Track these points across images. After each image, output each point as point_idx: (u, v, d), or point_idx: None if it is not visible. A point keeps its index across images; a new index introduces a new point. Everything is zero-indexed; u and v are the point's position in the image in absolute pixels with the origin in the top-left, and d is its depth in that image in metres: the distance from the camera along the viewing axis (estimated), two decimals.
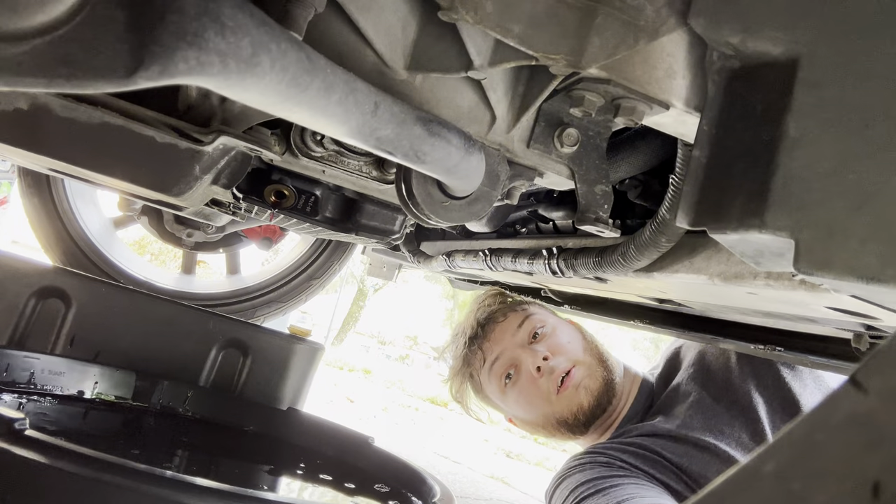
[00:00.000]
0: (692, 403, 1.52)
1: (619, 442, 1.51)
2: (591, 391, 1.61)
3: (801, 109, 0.51)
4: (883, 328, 0.86)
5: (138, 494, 0.79)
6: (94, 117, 0.79)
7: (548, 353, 1.64)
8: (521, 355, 1.67)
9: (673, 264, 0.89)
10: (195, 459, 1.60)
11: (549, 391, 1.61)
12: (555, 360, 1.62)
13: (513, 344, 1.70)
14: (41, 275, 1.68)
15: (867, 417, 0.20)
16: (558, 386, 1.60)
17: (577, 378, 1.60)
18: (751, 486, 0.22)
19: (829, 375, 1.54)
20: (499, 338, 1.73)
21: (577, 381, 1.60)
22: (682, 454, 1.41)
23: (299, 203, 1.19)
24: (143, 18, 0.36)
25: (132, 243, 6.91)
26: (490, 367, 1.72)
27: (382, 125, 0.58)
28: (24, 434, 0.81)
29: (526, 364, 1.64)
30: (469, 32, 0.65)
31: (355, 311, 17.62)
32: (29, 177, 2.05)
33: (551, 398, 1.61)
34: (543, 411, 1.64)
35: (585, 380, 1.61)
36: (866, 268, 0.47)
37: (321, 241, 2.34)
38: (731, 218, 0.54)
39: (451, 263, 1.52)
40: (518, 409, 1.71)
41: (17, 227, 5.57)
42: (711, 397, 1.52)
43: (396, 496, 1.43)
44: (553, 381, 1.61)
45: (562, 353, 1.65)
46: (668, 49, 0.64)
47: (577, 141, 0.77)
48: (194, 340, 1.79)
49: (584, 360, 1.65)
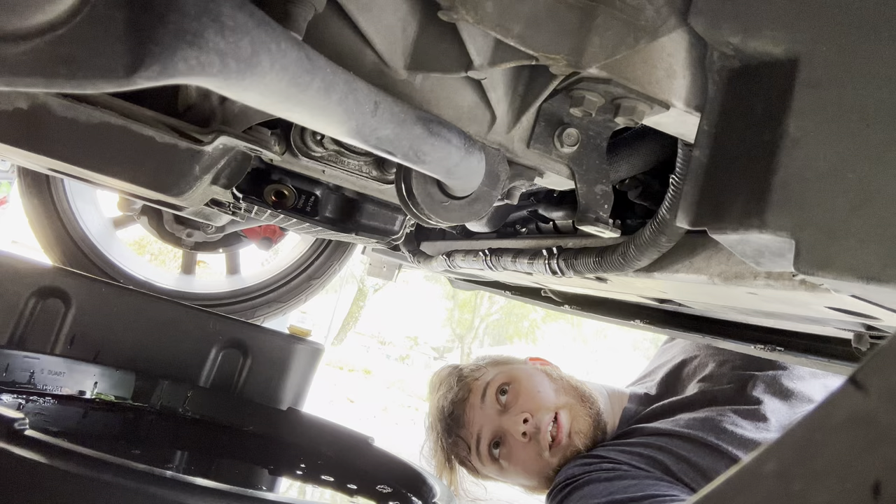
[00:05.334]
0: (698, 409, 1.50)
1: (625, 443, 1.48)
2: (583, 434, 1.55)
3: (801, 109, 0.51)
4: (883, 328, 0.86)
5: (138, 494, 0.79)
6: (94, 117, 0.79)
7: (526, 415, 1.55)
8: (501, 425, 1.58)
9: (673, 264, 0.89)
10: (195, 459, 1.60)
11: (543, 450, 1.54)
12: (536, 418, 1.55)
13: (487, 417, 1.61)
14: (41, 275, 1.68)
15: (867, 417, 0.20)
16: (550, 443, 1.54)
17: (567, 426, 1.54)
18: (751, 486, 0.22)
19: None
20: (471, 418, 1.64)
21: (567, 429, 1.54)
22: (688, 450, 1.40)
23: (299, 203, 1.19)
24: (143, 18, 0.36)
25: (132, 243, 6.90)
26: (476, 450, 1.63)
27: (382, 125, 0.58)
28: (24, 434, 0.81)
29: (510, 432, 1.56)
30: (469, 32, 0.65)
31: (355, 311, 17.62)
32: (29, 177, 2.05)
33: (546, 456, 1.54)
34: (543, 468, 1.57)
35: (574, 424, 1.55)
36: (866, 267, 0.47)
37: (321, 241, 2.34)
38: (731, 218, 0.54)
39: (451, 263, 1.52)
40: (519, 476, 1.63)
41: (17, 227, 5.57)
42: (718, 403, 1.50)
43: (396, 496, 1.43)
44: (542, 440, 1.54)
45: (539, 407, 1.57)
46: (668, 49, 0.64)
47: (578, 141, 0.77)
48: (194, 340, 1.79)
49: (563, 403, 1.58)
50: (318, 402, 4.56)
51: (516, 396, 1.59)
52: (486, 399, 1.62)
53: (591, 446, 1.55)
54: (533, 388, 1.60)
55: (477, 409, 1.63)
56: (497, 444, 1.59)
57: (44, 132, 0.79)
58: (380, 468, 1.54)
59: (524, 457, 1.56)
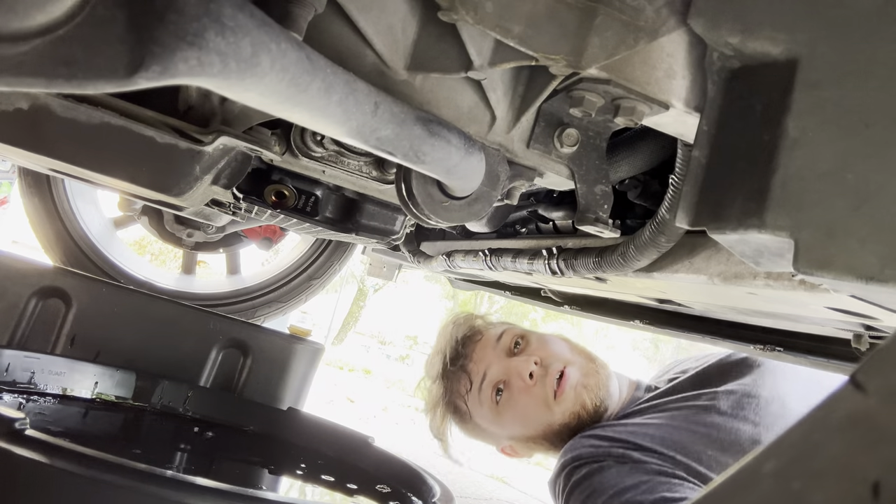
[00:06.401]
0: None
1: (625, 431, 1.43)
2: (592, 388, 1.52)
3: (801, 109, 0.51)
4: (883, 328, 0.86)
5: (138, 494, 0.79)
6: (95, 117, 0.79)
7: (536, 358, 1.54)
8: (510, 366, 1.55)
9: (673, 264, 0.89)
10: (195, 459, 1.61)
11: (547, 396, 1.50)
12: (545, 363, 1.53)
13: (497, 358, 1.59)
14: (41, 275, 1.68)
15: (867, 417, 0.20)
16: (555, 389, 1.50)
17: (574, 378, 1.51)
18: (751, 486, 0.22)
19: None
20: (481, 356, 1.61)
21: (574, 381, 1.51)
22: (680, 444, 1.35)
23: (299, 203, 1.19)
24: (143, 18, 0.36)
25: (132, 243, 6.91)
26: (479, 387, 1.59)
27: (382, 125, 0.58)
28: (25, 434, 0.81)
29: (517, 373, 1.53)
30: (469, 32, 0.65)
31: (355, 311, 17.62)
32: (29, 177, 2.05)
33: (549, 403, 1.50)
34: (544, 420, 1.52)
35: (583, 378, 1.52)
36: (866, 268, 0.47)
37: (321, 241, 2.35)
38: (730, 218, 0.54)
39: (451, 263, 1.52)
40: (515, 425, 1.57)
41: (18, 227, 5.57)
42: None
43: (396, 496, 1.43)
44: (549, 384, 1.50)
45: (550, 355, 1.55)
46: (667, 49, 0.64)
47: (577, 141, 0.77)
48: (195, 340, 1.79)
49: (576, 361, 1.56)
50: (318, 401, 4.56)
51: (531, 346, 1.60)
52: (501, 342, 1.61)
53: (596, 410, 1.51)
54: (547, 342, 1.61)
55: (489, 348, 1.61)
56: (499, 390, 1.56)
57: (44, 132, 0.79)
58: (380, 468, 1.54)
59: (525, 401, 1.52)
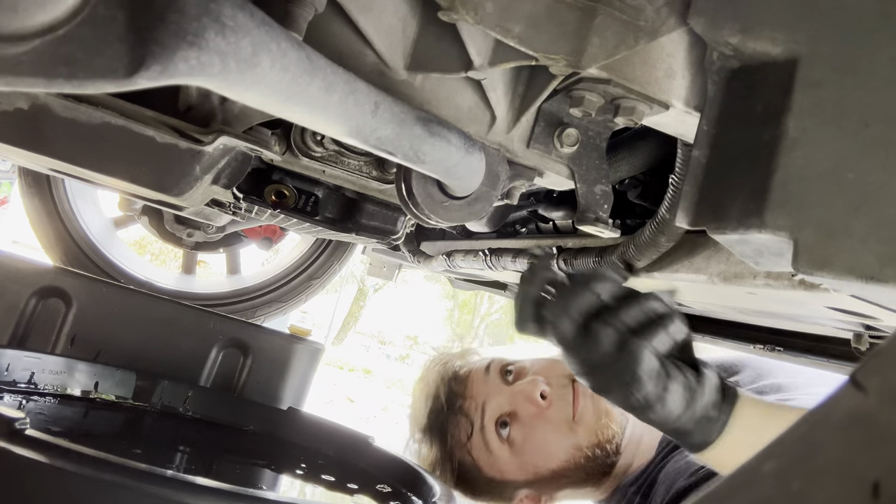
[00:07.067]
0: None
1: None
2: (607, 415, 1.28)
3: (801, 109, 0.51)
4: (883, 328, 0.86)
5: (139, 494, 0.79)
6: (95, 117, 0.79)
7: (541, 377, 1.31)
8: (514, 393, 1.31)
9: (673, 264, 0.89)
10: (196, 459, 1.61)
11: (567, 416, 1.27)
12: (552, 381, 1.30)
13: (495, 388, 1.34)
14: (41, 275, 1.68)
15: (867, 417, 0.20)
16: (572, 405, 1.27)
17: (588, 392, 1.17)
18: (751, 486, 0.22)
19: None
20: (477, 390, 1.36)
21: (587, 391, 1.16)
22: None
23: (299, 203, 1.19)
24: (143, 18, 0.36)
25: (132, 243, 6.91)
26: (480, 427, 1.32)
27: (382, 125, 0.58)
28: (25, 434, 0.81)
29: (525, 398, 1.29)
30: (469, 32, 0.65)
31: (355, 310, 17.63)
32: (29, 177, 2.05)
33: (570, 423, 1.27)
34: (568, 444, 1.27)
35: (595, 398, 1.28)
36: (865, 267, 0.47)
37: (321, 241, 2.34)
38: (730, 218, 0.54)
39: (451, 263, 1.52)
40: (536, 459, 1.29)
41: (18, 227, 5.57)
42: None
43: (396, 496, 1.43)
44: (565, 402, 1.28)
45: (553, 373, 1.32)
46: (667, 49, 0.64)
47: (577, 141, 0.77)
48: (194, 340, 1.78)
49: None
50: (318, 401, 4.56)
51: (523, 367, 1.37)
52: (491, 372, 1.37)
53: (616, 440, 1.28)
54: (539, 360, 1.38)
55: (481, 382, 1.37)
56: (504, 423, 1.30)
57: (44, 132, 0.79)
58: (380, 467, 1.54)
59: (544, 427, 1.27)
